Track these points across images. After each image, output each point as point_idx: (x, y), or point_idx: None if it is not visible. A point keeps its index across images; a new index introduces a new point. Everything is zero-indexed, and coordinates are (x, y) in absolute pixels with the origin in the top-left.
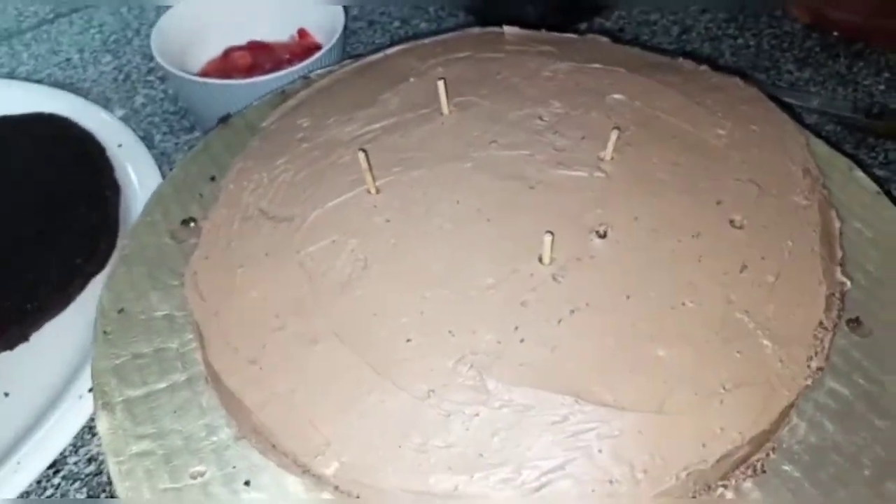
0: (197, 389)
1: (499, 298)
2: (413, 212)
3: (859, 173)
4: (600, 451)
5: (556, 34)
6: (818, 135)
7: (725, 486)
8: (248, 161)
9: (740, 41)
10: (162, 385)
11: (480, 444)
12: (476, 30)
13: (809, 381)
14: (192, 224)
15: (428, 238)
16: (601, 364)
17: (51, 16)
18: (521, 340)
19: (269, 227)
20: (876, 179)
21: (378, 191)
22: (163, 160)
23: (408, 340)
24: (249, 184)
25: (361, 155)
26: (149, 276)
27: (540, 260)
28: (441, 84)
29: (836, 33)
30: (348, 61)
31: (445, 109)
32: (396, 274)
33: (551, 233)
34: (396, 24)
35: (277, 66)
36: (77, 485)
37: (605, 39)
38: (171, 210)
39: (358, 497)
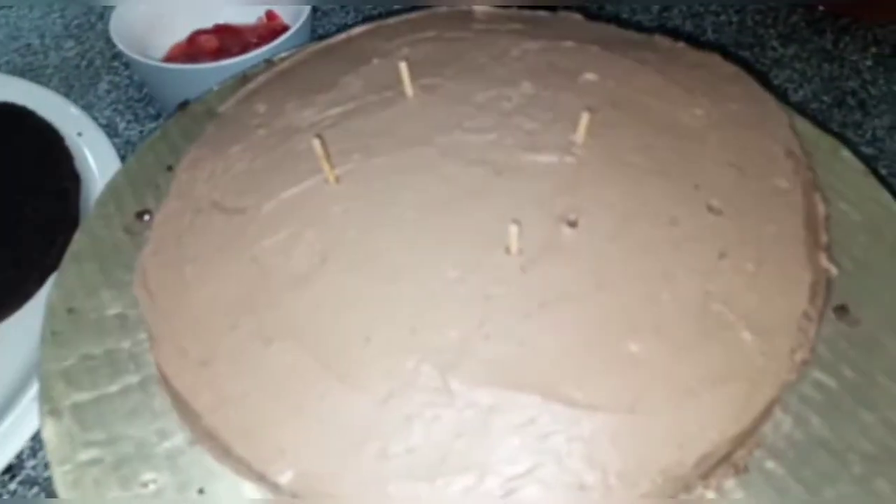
0: (150, 392)
1: (463, 292)
2: (374, 201)
3: (846, 153)
4: (570, 454)
5: (527, 12)
6: (803, 113)
7: (706, 486)
8: (201, 149)
9: (723, 17)
10: (113, 388)
11: (442, 449)
12: (444, 8)
13: (793, 376)
14: (146, 217)
15: (389, 229)
16: (571, 361)
17: None
18: (486, 337)
19: (222, 219)
20: (863, 158)
21: (337, 179)
22: (127, 149)
23: (367, 339)
24: (202, 174)
25: (316, 142)
26: (101, 272)
27: (507, 251)
28: (404, 65)
29: (821, 8)
30: (312, 43)
31: (409, 92)
32: (355, 268)
33: (517, 222)
34: (369, 5)
35: (245, 50)
36: (35, 489)
37: (578, 17)
38: (126, 202)
39: None
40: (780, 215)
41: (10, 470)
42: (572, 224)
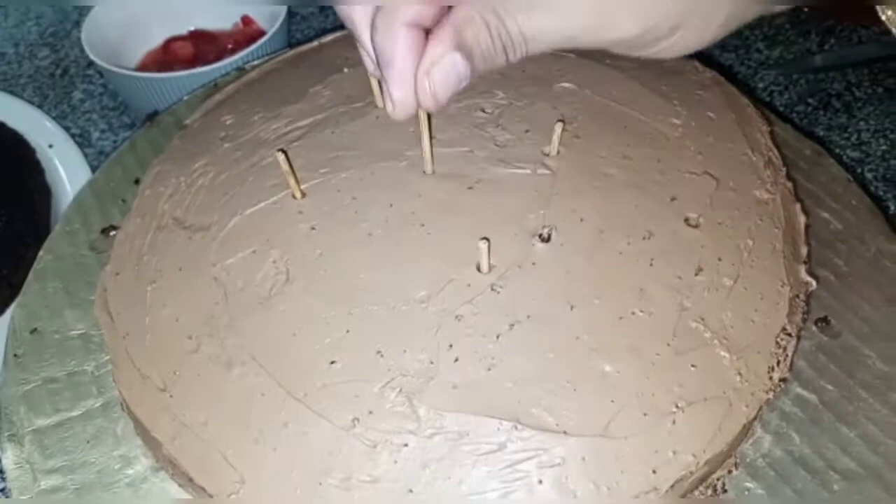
0: (113, 416)
1: (432, 313)
2: (341, 217)
3: (828, 160)
4: (541, 481)
5: None
6: (787, 117)
7: None
8: (165, 164)
9: None
10: (75, 412)
11: (409, 478)
12: None
13: (771, 395)
14: (113, 233)
15: (356, 247)
16: (542, 383)
17: None
18: (456, 359)
19: (184, 237)
20: (847, 163)
21: (304, 195)
22: (101, 159)
23: (331, 363)
24: (166, 189)
25: (281, 157)
26: (65, 291)
27: (478, 268)
28: None
29: (805, 10)
30: (284, 50)
31: (379, 102)
32: (321, 288)
33: (487, 239)
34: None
35: (220, 56)
36: None
37: None
38: (92, 218)
39: None
40: (758, 228)
41: None
42: (545, 239)
